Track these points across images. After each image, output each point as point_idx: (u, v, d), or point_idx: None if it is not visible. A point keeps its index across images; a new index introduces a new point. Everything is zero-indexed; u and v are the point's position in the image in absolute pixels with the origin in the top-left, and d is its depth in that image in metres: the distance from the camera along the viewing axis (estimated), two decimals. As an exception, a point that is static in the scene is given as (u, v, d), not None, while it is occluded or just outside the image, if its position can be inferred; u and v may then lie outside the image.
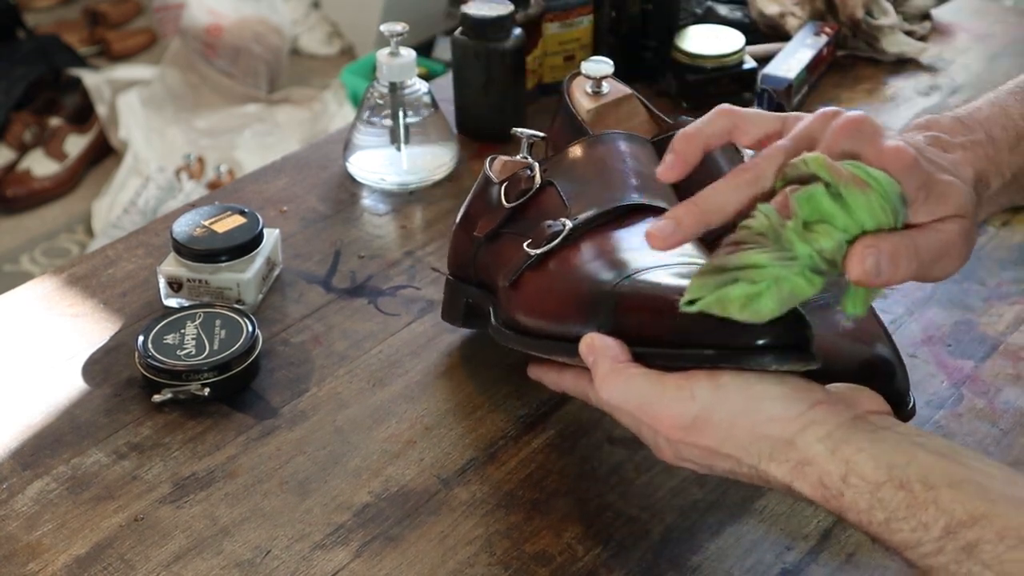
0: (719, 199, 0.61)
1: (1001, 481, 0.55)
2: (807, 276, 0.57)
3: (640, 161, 0.77)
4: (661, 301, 0.63)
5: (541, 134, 0.86)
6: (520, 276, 0.73)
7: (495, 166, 0.85)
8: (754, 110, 0.66)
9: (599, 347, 0.63)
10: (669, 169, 0.65)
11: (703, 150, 0.65)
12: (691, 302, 0.59)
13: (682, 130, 0.65)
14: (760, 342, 0.59)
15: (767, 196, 0.61)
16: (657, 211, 0.73)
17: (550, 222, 0.74)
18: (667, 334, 0.62)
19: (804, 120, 0.63)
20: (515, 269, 0.74)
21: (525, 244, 0.73)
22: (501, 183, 0.80)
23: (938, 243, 0.59)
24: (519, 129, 0.87)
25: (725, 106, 0.65)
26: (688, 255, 0.68)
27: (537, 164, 0.78)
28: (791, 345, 0.59)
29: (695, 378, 0.60)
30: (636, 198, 0.74)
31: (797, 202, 0.57)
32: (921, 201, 0.59)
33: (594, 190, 0.74)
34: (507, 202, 0.78)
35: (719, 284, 0.58)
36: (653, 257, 0.67)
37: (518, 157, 0.86)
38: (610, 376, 0.62)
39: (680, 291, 0.62)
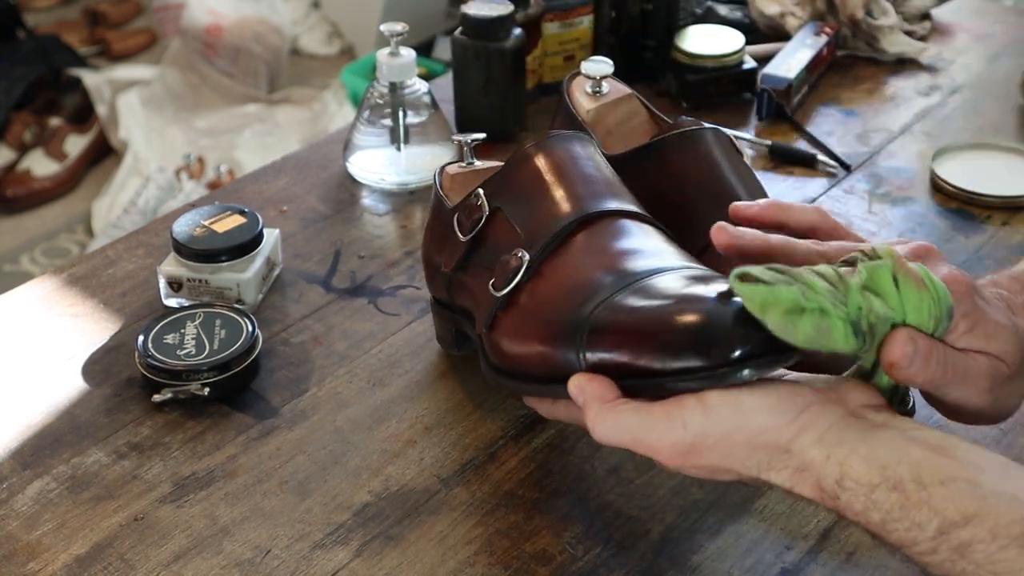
0: (790, 244, 0.69)
1: (994, 475, 0.56)
2: (846, 328, 0.59)
3: (590, 162, 0.75)
4: (636, 327, 0.62)
5: (481, 135, 0.85)
6: (494, 319, 0.71)
7: (445, 179, 0.83)
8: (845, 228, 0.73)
9: (587, 389, 0.64)
10: (762, 210, 0.73)
11: (784, 225, 0.72)
12: (742, 277, 0.59)
13: (776, 202, 0.74)
14: (735, 355, 0.59)
15: None
16: (614, 215, 0.71)
17: (506, 256, 0.71)
18: (646, 357, 0.62)
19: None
20: (487, 314, 0.71)
21: (490, 284, 0.71)
22: (453, 211, 0.78)
23: (965, 368, 0.62)
24: (458, 136, 0.85)
25: (823, 209, 0.74)
26: (671, 260, 0.67)
27: (482, 190, 0.75)
28: (764, 350, 0.59)
29: (684, 404, 0.60)
30: (587, 208, 0.71)
31: (863, 267, 0.61)
32: (964, 330, 0.62)
33: (542, 209, 0.72)
34: (462, 234, 0.76)
35: (775, 278, 0.59)
36: (623, 272, 0.66)
37: (463, 164, 0.85)
38: (600, 416, 0.63)
39: (656, 312, 0.62)
